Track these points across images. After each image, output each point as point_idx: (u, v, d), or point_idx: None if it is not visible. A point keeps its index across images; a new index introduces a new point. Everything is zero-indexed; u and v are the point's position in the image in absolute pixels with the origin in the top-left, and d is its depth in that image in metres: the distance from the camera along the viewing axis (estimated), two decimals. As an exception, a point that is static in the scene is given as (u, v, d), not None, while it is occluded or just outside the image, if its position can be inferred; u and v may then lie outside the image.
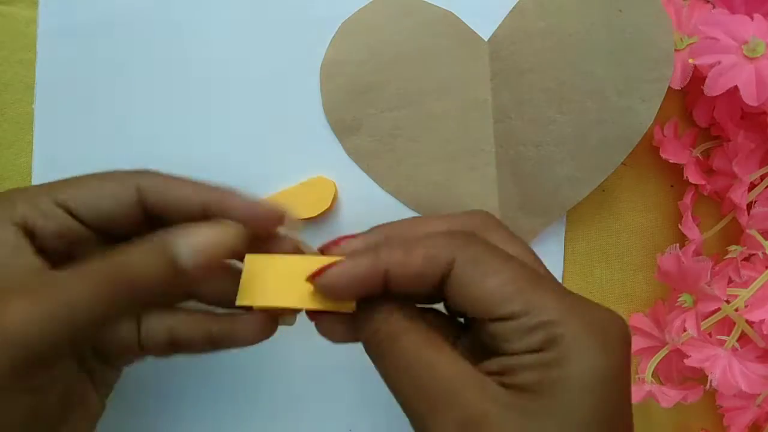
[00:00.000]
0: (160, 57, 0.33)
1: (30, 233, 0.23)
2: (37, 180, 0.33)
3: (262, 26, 0.34)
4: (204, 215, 0.24)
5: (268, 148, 0.33)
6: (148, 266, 0.22)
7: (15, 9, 0.33)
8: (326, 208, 0.32)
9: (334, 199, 0.32)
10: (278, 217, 0.25)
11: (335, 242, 0.24)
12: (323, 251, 0.25)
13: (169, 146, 0.33)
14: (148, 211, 0.25)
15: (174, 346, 0.26)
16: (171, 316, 0.26)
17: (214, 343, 0.26)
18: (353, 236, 0.24)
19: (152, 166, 0.33)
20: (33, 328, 0.19)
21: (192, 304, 0.26)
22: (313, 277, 0.22)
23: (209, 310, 0.27)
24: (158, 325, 0.25)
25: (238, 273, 0.24)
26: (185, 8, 0.33)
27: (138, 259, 0.22)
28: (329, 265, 0.22)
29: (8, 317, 0.19)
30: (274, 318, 0.26)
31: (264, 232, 0.25)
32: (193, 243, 0.23)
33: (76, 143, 0.33)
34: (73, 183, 0.24)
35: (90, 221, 0.24)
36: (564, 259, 0.34)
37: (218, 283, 0.26)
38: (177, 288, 0.23)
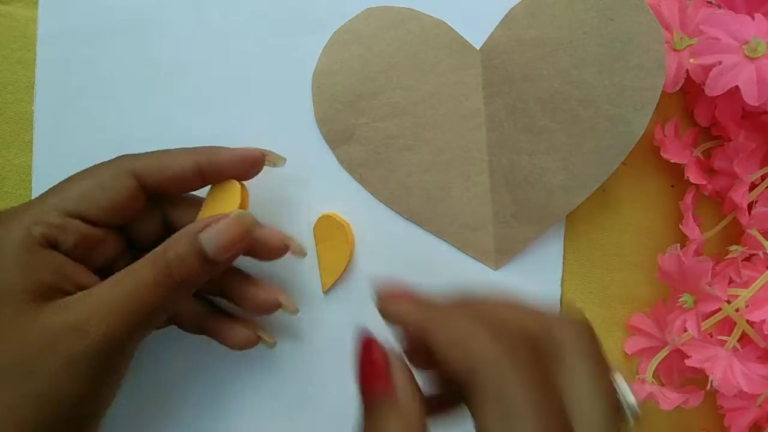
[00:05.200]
0: (158, 58, 0.33)
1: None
2: (37, 179, 0.33)
3: (255, 35, 0.33)
4: (199, 175, 0.27)
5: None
6: (185, 262, 0.24)
7: (14, 9, 0.33)
8: (236, 207, 0.29)
9: (243, 199, 0.29)
10: (262, 157, 0.28)
11: (396, 296, 0.22)
12: (382, 296, 0.22)
13: (167, 146, 0.33)
14: (148, 192, 0.26)
15: (172, 321, 0.30)
16: None
17: (204, 333, 0.30)
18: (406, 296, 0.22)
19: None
20: (107, 328, 0.23)
21: None
22: None
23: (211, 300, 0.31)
24: None
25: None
26: (183, 11, 0.33)
27: (177, 255, 0.24)
28: None
29: (92, 324, 0.23)
30: (256, 337, 0.31)
31: (254, 173, 0.28)
32: (215, 237, 0.25)
33: (75, 143, 0.33)
34: (73, 188, 0.25)
35: (102, 220, 0.25)
36: (564, 259, 0.34)
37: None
38: (209, 275, 0.26)
